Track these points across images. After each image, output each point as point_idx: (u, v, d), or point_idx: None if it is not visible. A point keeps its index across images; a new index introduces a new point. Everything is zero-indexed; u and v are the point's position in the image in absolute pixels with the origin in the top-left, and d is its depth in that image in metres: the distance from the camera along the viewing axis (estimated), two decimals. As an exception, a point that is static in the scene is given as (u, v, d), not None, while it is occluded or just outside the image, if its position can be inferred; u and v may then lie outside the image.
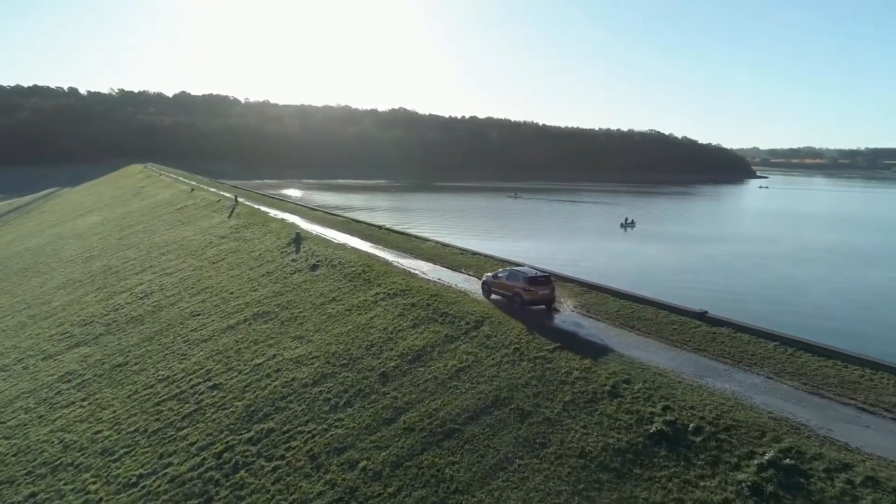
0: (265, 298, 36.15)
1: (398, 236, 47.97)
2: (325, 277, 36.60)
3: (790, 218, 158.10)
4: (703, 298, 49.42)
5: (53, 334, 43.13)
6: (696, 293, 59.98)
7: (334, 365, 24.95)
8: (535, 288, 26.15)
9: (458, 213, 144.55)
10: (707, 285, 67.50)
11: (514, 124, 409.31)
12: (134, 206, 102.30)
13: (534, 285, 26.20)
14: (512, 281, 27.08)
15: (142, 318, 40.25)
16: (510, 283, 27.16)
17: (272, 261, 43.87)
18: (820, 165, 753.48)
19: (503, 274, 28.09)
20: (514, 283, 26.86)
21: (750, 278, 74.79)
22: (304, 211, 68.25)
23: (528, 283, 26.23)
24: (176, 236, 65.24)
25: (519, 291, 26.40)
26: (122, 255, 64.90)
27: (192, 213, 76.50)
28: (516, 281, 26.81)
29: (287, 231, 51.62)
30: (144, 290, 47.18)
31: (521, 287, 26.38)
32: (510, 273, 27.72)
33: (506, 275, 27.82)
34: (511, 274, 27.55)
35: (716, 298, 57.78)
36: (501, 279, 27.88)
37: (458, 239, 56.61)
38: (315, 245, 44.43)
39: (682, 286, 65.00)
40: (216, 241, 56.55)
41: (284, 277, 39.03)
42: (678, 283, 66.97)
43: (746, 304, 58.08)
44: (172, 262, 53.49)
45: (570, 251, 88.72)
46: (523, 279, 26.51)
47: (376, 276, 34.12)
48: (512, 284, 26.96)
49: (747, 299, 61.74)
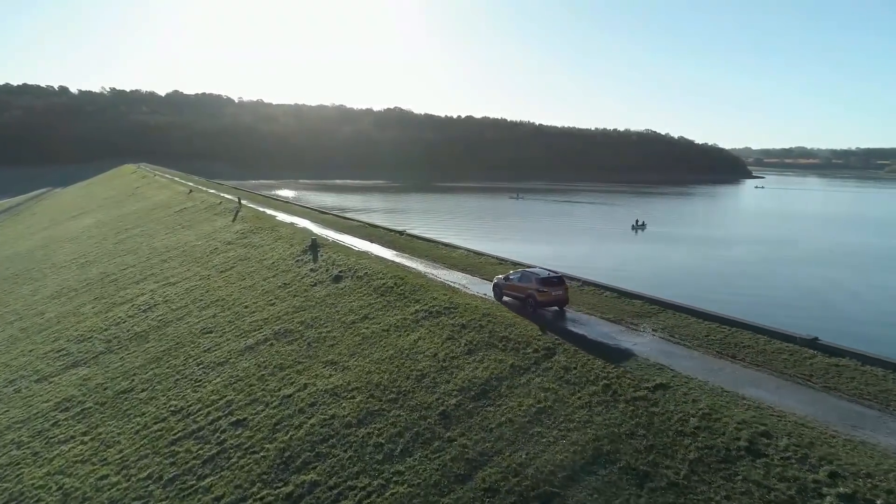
0: (285, 314, 32.53)
1: (423, 243, 44.43)
2: (351, 291, 33.02)
3: (797, 219, 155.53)
4: (769, 313, 46.67)
5: (48, 351, 39.34)
6: (753, 305, 56.82)
7: (380, 400, 21.42)
8: (548, 289, 26.03)
9: (466, 215, 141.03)
10: (753, 294, 64.23)
11: (510, 124, 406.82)
12: (129, 207, 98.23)
13: (547, 286, 26.08)
14: (525, 283, 26.88)
15: (146, 335, 36.54)
16: (523, 284, 26.93)
17: (288, 270, 40.23)
18: (813, 165, 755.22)
19: (515, 276, 27.86)
20: (526, 285, 26.65)
21: (794, 285, 71.43)
22: (314, 214, 64.58)
23: (542, 284, 26.09)
24: (177, 241, 61.44)
25: (532, 293, 26.18)
26: (120, 261, 61.04)
27: (192, 217, 72.67)
28: (529, 282, 26.60)
29: (300, 237, 47.99)
30: (147, 301, 43.43)
31: (534, 288, 26.17)
32: (522, 275, 27.50)
33: (518, 277, 27.61)
34: (523, 275, 27.35)
35: (782, 313, 54.39)
36: (513, 281, 27.67)
37: (475, 242, 53.27)
38: (334, 253, 40.82)
39: (728, 295, 61.89)
40: (222, 247, 52.84)
41: (305, 290, 35.41)
42: (724, 292, 63.53)
43: (812, 318, 54.05)
44: (176, 271, 49.73)
45: (598, 256, 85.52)
46: (536, 280, 26.34)
47: (412, 290, 30.58)
48: (525, 286, 26.74)
49: (813, 313, 57.71)
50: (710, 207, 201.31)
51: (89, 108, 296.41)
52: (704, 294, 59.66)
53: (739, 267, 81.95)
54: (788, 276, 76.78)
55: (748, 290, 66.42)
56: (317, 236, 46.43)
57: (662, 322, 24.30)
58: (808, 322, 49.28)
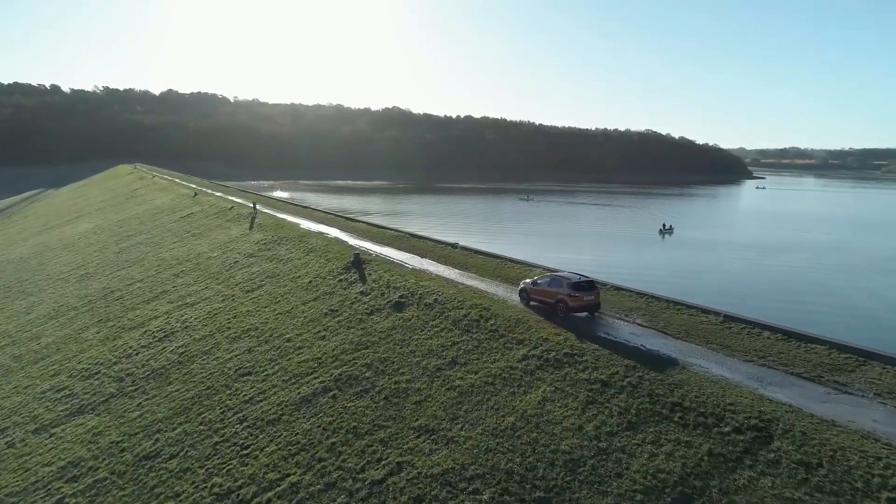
0: (343, 353, 26.43)
1: (487, 259, 38.30)
2: (423, 323, 26.97)
3: (819, 222, 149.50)
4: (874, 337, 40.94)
5: (47, 390, 33.08)
6: (849, 325, 51.39)
7: (523, 501, 15.37)
8: (580, 294, 25.27)
9: (487, 219, 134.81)
10: (838, 309, 58.98)
11: (510, 124, 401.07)
12: (129, 211, 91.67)
13: (578, 291, 25.32)
14: (554, 287, 26.06)
15: (166, 373, 30.34)
16: (552, 289, 26.10)
17: (331, 292, 34.11)
18: (810, 166, 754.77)
19: (543, 280, 27.00)
20: (556, 290, 25.86)
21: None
22: (341, 221, 58.33)
23: (573, 289, 25.34)
24: (188, 252, 55.15)
25: (563, 298, 25.40)
26: (125, 274, 54.70)
27: (201, 223, 66.33)
28: (559, 287, 25.81)
29: (336, 249, 41.86)
30: (162, 327, 37.20)
31: (565, 293, 25.41)
32: (552, 279, 26.64)
33: (547, 281, 26.77)
34: (553, 280, 26.51)
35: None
36: (542, 286, 26.80)
37: (516, 250, 46.84)
38: (385, 272, 34.73)
39: (817, 312, 56.50)
40: (243, 259, 46.63)
41: (360, 319, 29.32)
42: (815, 310, 58.19)
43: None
44: (192, 288, 43.47)
45: (649, 264, 79.60)
46: (567, 285, 25.57)
47: (507, 325, 24.58)
48: (555, 291, 25.93)
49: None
50: (723, 209, 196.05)
51: (82, 107, 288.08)
52: (807, 315, 54.18)
53: (806, 277, 76.06)
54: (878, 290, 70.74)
55: (841, 307, 60.70)
56: (359, 250, 40.29)
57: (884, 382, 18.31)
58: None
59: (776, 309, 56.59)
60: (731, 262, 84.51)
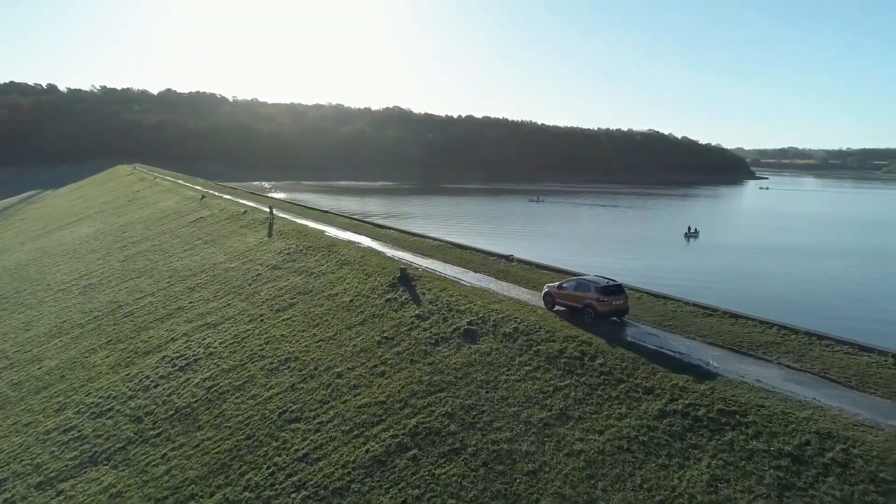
0: (412, 395, 21.90)
1: (549, 274, 33.69)
2: (506, 359, 22.46)
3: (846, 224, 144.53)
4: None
5: (51, 429, 28.46)
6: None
7: None
8: (608, 298, 24.45)
9: (505, 222, 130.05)
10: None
11: (512, 124, 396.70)
12: (132, 215, 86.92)
13: (607, 295, 24.50)
14: (582, 291, 25.31)
15: (194, 414, 25.75)
16: (579, 293, 25.35)
17: (380, 315, 29.55)
18: (810, 166, 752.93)
19: (569, 284, 26.22)
20: (584, 294, 25.11)
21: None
22: (368, 228, 53.64)
23: (602, 293, 24.52)
24: (202, 261, 50.51)
25: (591, 302, 24.65)
26: (133, 285, 50.04)
27: (213, 229, 61.68)
28: (587, 291, 25.06)
29: (374, 262, 37.27)
30: (182, 352, 32.58)
31: (593, 297, 24.64)
32: (578, 283, 25.89)
33: (573, 285, 25.96)
34: (579, 284, 25.75)
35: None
36: (568, 290, 25.99)
37: (543, 256, 42.18)
38: (440, 290, 30.17)
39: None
40: (266, 272, 42.00)
41: (424, 352, 24.76)
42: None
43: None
44: (211, 305, 38.83)
45: (698, 271, 75.44)
46: (595, 289, 24.77)
47: (622, 366, 20.08)
48: (582, 295, 25.18)
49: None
50: (735, 210, 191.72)
51: (79, 107, 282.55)
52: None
53: (865, 286, 71.76)
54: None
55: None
56: (405, 264, 35.72)
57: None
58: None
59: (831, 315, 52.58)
60: (788, 269, 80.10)
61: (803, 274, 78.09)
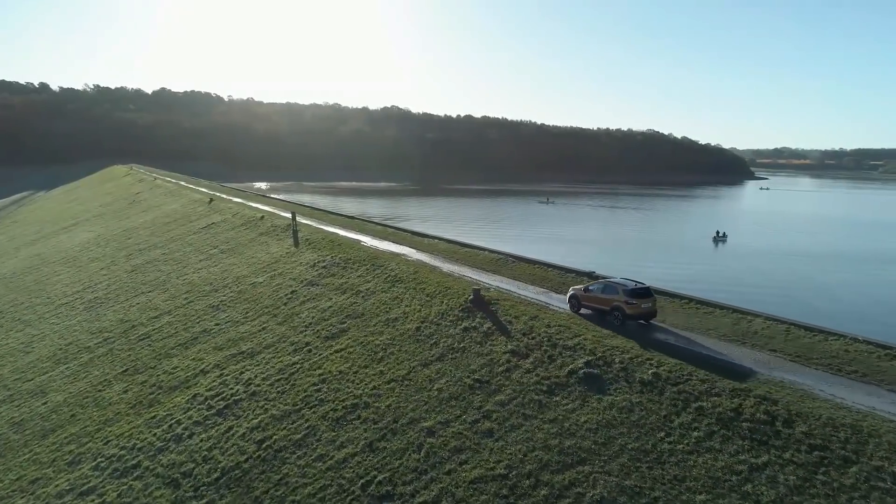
0: (542, 468, 16.94)
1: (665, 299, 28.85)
2: (658, 418, 17.57)
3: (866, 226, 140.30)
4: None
5: (64, 492, 23.34)
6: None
7: None
8: (637, 301, 24.04)
9: (527, 226, 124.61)
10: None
11: (512, 124, 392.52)
12: (135, 219, 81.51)
13: (636, 298, 24.08)
14: (609, 294, 24.94)
15: (247, 480, 20.69)
16: (607, 296, 24.99)
17: (461, 348, 24.57)
18: (806, 166, 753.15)
19: (596, 287, 25.89)
20: (612, 297, 24.73)
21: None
22: (407, 237, 48.49)
23: (631, 296, 24.10)
24: (222, 274, 45.35)
25: (619, 305, 24.29)
26: (145, 301, 44.85)
27: (229, 236, 56.50)
28: (615, 294, 24.66)
29: (433, 279, 32.26)
30: (217, 390, 27.46)
31: (622, 301, 24.25)
32: (605, 286, 25.51)
33: (600, 288, 25.65)
34: (607, 287, 25.36)
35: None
36: (594, 293, 25.67)
37: (578, 261, 37.46)
38: (529, 318, 25.24)
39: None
40: (302, 288, 36.92)
41: (538, 402, 19.83)
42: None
43: None
44: (243, 328, 33.72)
45: (763, 281, 71.02)
46: (624, 292, 24.32)
47: (834, 435, 15.17)
48: (610, 298, 24.82)
49: None
50: (747, 211, 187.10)
51: (72, 107, 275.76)
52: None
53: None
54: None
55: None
56: (471, 282, 30.77)
57: None
58: None
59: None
60: (842, 275, 75.69)
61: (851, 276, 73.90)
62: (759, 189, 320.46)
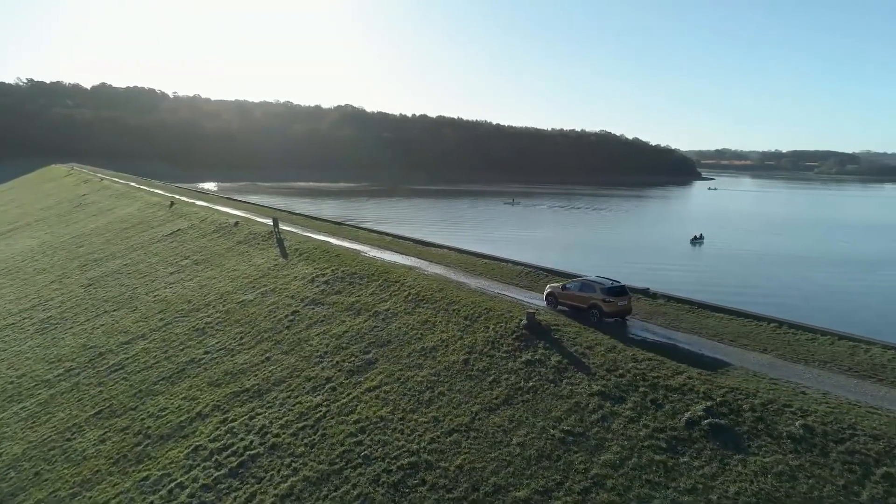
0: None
1: (723, 318, 25.36)
2: (834, 489, 13.94)
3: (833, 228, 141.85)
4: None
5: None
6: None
7: None
8: (614, 299, 24.46)
9: (496, 225, 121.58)
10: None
11: (468, 123, 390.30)
12: (85, 224, 74.11)
13: (613, 296, 24.51)
14: (587, 292, 25.30)
15: (289, 572, 16.05)
16: (584, 294, 25.35)
17: (529, 387, 20.49)
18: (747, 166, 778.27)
19: (573, 285, 26.16)
20: (589, 295, 25.11)
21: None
22: (409, 246, 43.87)
23: (608, 294, 24.54)
24: (201, 289, 39.91)
25: (597, 303, 24.66)
26: (110, 322, 39.02)
27: (200, 244, 50.77)
28: (592, 292, 25.05)
29: (465, 298, 28.01)
30: (224, 440, 22.53)
31: (599, 298, 24.65)
32: (583, 284, 25.86)
33: (577, 286, 25.94)
34: (584, 285, 25.73)
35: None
36: (572, 291, 25.96)
37: (572, 266, 34.60)
38: (607, 350, 21.39)
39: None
40: (304, 309, 32.08)
41: (660, 465, 15.95)
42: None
43: None
44: (240, 359, 28.67)
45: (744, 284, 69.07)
46: (601, 290, 24.79)
47: None
48: (587, 296, 25.17)
49: None
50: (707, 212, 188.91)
51: (3, 101, 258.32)
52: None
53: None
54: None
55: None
56: (527, 306, 26.66)
57: None
58: None
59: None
60: (849, 282, 75.33)
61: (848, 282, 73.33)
62: (708, 189, 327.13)
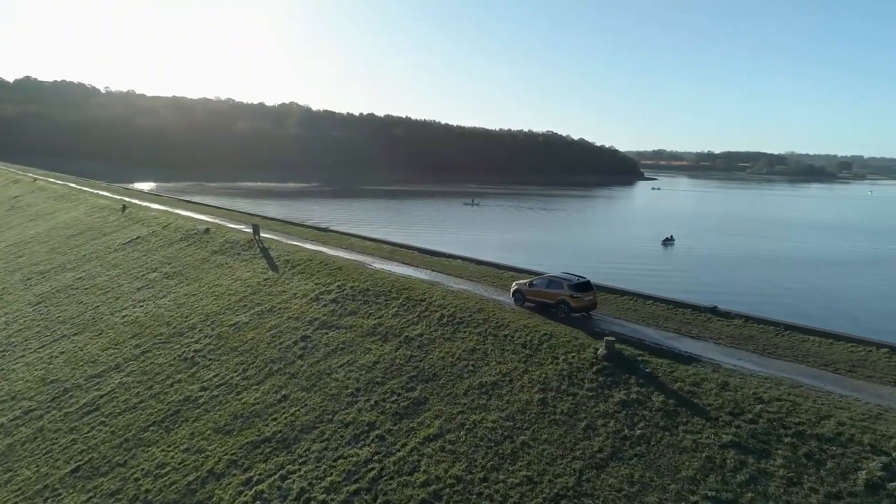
0: None
1: (776, 331, 22.63)
2: None
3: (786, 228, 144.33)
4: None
5: None
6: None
7: None
8: (581, 294, 25.04)
9: (480, 228, 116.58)
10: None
11: (417, 122, 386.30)
12: (23, 231, 66.42)
13: (580, 291, 25.10)
14: (554, 289, 25.66)
15: None
16: (552, 290, 25.72)
17: (636, 436, 17.08)
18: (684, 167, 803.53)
19: (540, 282, 26.54)
20: (557, 291, 25.51)
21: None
22: (413, 255, 39.64)
23: (575, 290, 25.05)
24: (178, 307, 34.76)
25: (565, 299, 25.12)
26: (72, 348, 33.43)
27: (168, 254, 45.17)
28: (559, 289, 25.46)
29: (507, 319, 24.37)
30: (252, 510, 18.13)
31: (566, 294, 25.12)
32: (549, 281, 26.17)
33: (544, 283, 26.29)
34: (551, 282, 26.05)
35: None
36: (539, 287, 26.32)
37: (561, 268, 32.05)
38: (718, 387, 18.22)
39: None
40: (315, 334, 27.70)
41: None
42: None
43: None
44: (248, 397, 24.10)
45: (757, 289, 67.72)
46: (568, 286, 25.25)
47: None
48: (555, 292, 25.56)
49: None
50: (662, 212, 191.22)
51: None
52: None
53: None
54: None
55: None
56: (612, 336, 23.13)
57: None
58: None
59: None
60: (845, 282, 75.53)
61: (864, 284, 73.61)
62: (652, 189, 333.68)
